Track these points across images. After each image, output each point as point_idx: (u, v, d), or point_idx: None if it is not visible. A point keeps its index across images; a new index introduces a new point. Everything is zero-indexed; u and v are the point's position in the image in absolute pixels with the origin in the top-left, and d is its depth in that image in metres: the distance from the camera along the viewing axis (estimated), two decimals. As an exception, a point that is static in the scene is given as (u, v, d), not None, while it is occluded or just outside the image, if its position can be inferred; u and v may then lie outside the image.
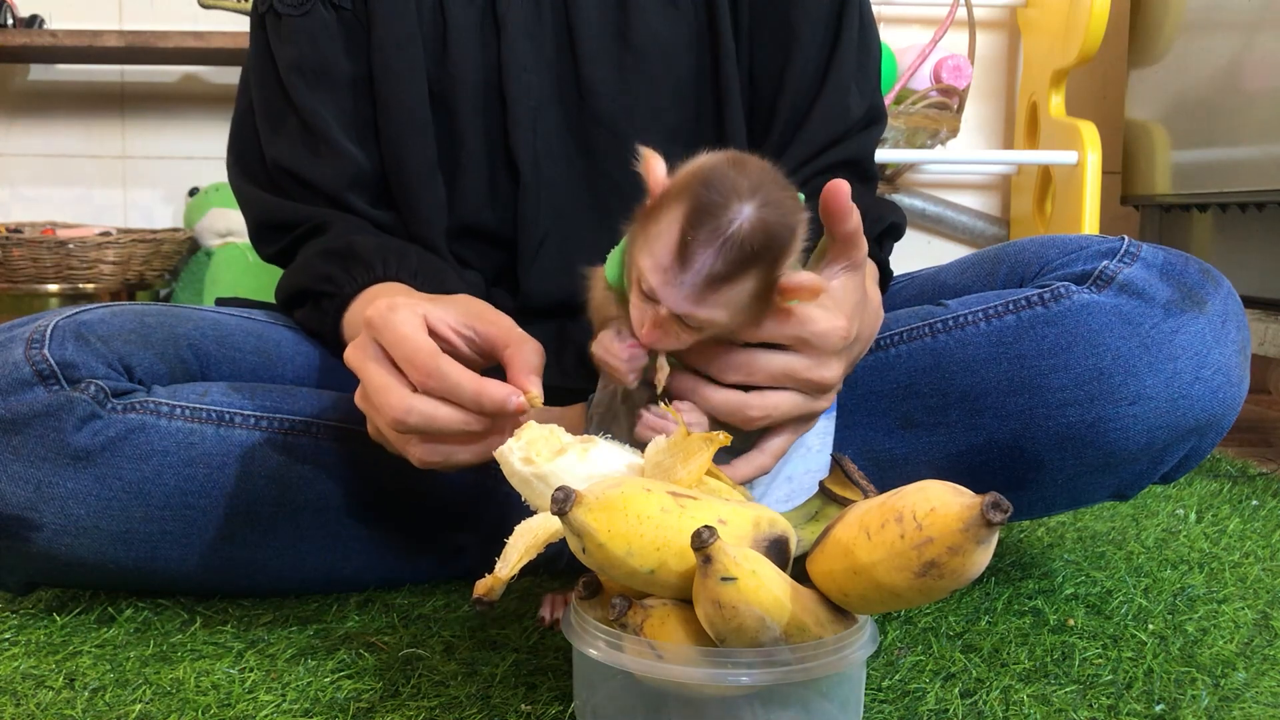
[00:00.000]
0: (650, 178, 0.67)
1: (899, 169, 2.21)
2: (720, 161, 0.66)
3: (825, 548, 0.62)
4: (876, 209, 0.94)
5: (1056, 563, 1.01)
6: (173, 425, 0.82)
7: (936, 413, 0.85)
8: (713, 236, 0.63)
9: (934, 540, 0.56)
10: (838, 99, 0.98)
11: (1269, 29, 1.66)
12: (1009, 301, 0.85)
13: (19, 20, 2.08)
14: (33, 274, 1.95)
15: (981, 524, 0.54)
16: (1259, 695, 0.73)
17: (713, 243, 0.63)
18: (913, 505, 0.57)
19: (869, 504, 0.61)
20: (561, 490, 0.59)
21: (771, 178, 0.66)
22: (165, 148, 2.26)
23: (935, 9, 2.18)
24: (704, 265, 0.63)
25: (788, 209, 0.65)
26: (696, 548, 0.57)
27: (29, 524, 0.80)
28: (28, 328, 0.82)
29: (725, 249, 0.63)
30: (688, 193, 0.64)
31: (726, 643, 0.59)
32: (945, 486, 0.58)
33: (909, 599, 0.59)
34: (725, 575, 0.57)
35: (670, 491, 0.62)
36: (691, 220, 0.63)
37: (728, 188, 0.64)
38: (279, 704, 0.70)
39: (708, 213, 0.63)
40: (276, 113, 0.98)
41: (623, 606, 0.62)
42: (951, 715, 0.69)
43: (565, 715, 0.68)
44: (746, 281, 0.65)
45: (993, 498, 0.54)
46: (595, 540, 0.59)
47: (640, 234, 0.67)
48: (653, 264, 0.65)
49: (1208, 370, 0.83)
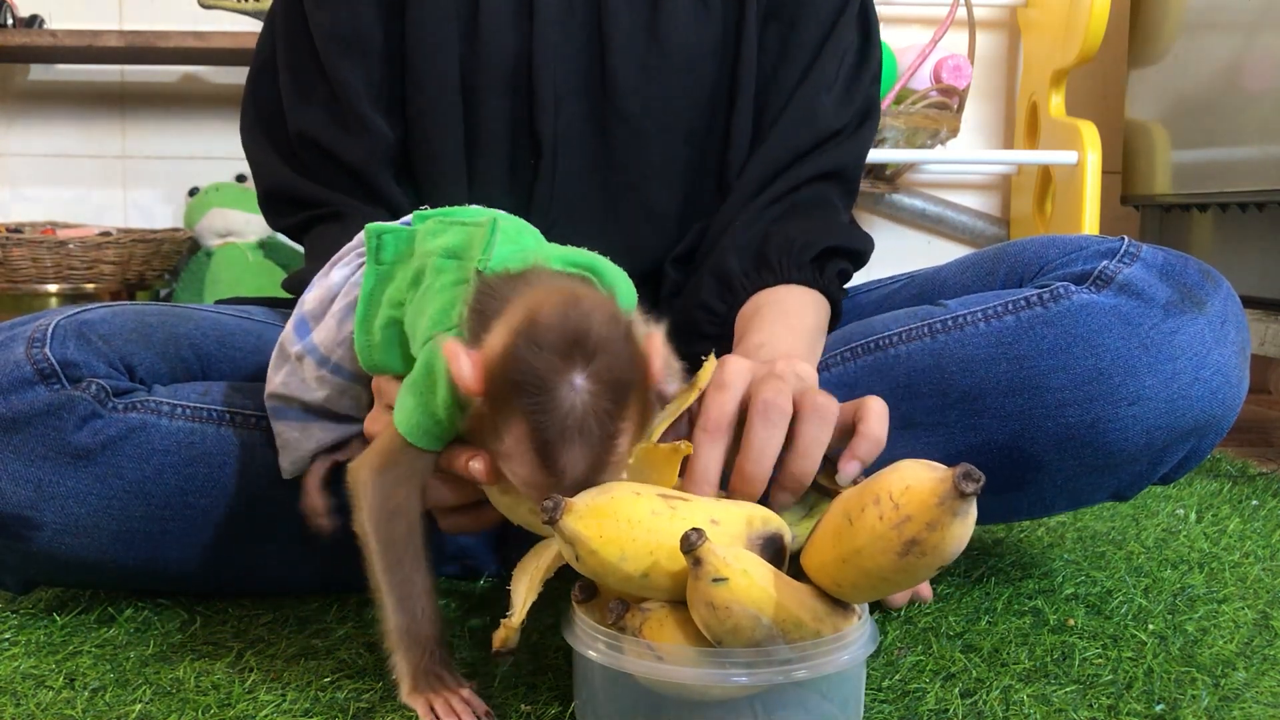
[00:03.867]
0: (461, 379, 0.60)
1: (899, 169, 2.21)
2: (522, 344, 0.59)
3: (815, 540, 0.63)
4: (810, 234, 0.93)
5: (1056, 563, 1.01)
6: (174, 425, 0.82)
7: (935, 413, 0.85)
8: (565, 437, 0.58)
9: (912, 518, 0.56)
10: (808, 101, 0.98)
11: (1269, 29, 1.66)
12: (1008, 302, 0.85)
13: (19, 20, 2.08)
14: (33, 274, 1.95)
15: (955, 496, 0.55)
16: (1259, 695, 0.73)
17: (571, 442, 0.59)
18: (888, 486, 0.58)
19: (850, 491, 0.62)
20: (551, 499, 0.59)
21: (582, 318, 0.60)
22: (165, 148, 2.26)
23: (935, 9, 2.18)
24: (576, 466, 0.59)
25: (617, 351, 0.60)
26: (686, 550, 0.57)
27: (29, 523, 0.80)
28: (29, 326, 0.82)
29: (585, 438, 0.59)
30: (513, 396, 0.59)
31: (724, 643, 0.59)
32: (918, 464, 0.58)
33: (896, 581, 0.59)
34: (716, 576, 0.57)
35: (660, 494, 0.62)
36: (536, 433, 0.59)
37: (549, 375, 0.58)
38: (279, 704, 0.70)
39: (547, 416, 0.58)
40: (306, 81, 0.99)
41: (620, 609, 0.62)
42: (951, 715, 0.69)
43: (565, 715, 0.69)
44: (623, 432, 0.61)
45: (963, 468, 0.54)
46: (588, 547, 0.59)
47: (486, 432, 0.62)
48: (527, 481, 0.61)
49: (1207, 371, 0.83)
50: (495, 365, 0.60)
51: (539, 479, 0.60)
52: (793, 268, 0.91)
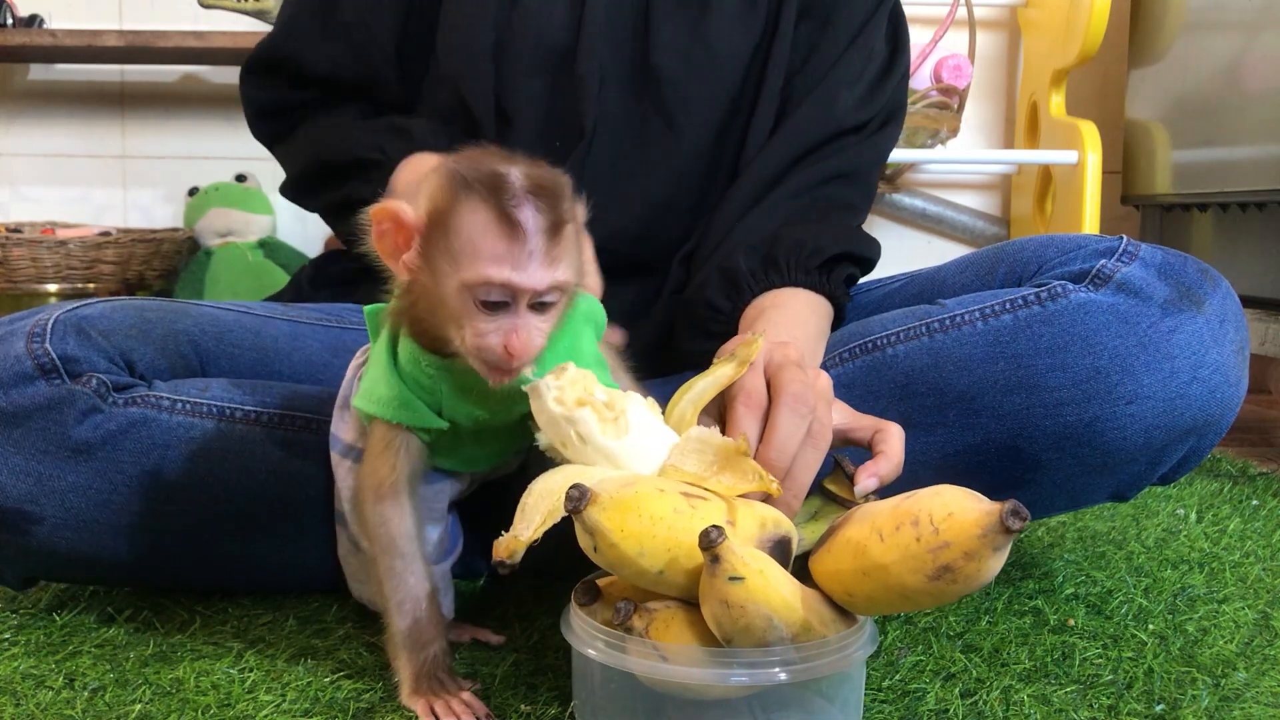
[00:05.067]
0: (407, 215, 0.63)
1: (899, 169, 2.21)
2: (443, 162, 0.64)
3: (832, 548, 0.62)
4: (821, 238, 0.94)
5: (1056, 563, 1.01)
6: (174, 420, 0.83)
7: (934, 412, 0.85)
8: (518, 197, 0.61)
9: (951, 545, 0.56)
10: (829, 94, 1.00)
11: (1269, 29, 1.66)
12: (1006, 301, 0.85)
13: (19, 20, 2.08)
14: (33, 274, 1.95)
15: (1000, 531, 0.55)
16: (1259, 695, 0.73)
17: (524, 200, 0.61)
18: (929, 509, 0.57)
19: (878, 507, 0.61)
20: (576, 488, 0.58)
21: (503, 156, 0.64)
22: (165, 148, 2.26)
23: (935, 9, 2.18)
24: (535, 223, 0.61)
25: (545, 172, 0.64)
26: (704, 547, 0.57)
27: (29, 517, 0.80)
28: (28, 321, 0.82)
29: (536, 199, 0.61)
30: (461, 190, 0.62)
31: (733, 643, 0.59)
32: (961, 492, 0.58)
33: (918, 601, 0.59)
34: (733, 575, 0.57)
35: (683, 492, 0.62)
36: (490, 197, 0.61)
37: (483, 164, 0.62)
38: (279, 704, 0.70)
39: (496, 184, 0.61)
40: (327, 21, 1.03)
41: (628, 610, 0.61)
42: (951, 715, 0.69)
43: (565, 715, 0.69)
44: (566, 226, 0.63)
45: (1012, 505, 0.54)
46: (608, 540, 0.59)
47: (434, 270, 0.63)
48: (489, 259, 0.61)
49: (1205, 370, 0.83)
50: (435, 189, 0.63)
51: (500, 248, 0.61)
52: (800, 271, 0.92)
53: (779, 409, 0.68)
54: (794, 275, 0.91)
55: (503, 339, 0.62)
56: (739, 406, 0.69)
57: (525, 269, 0.61)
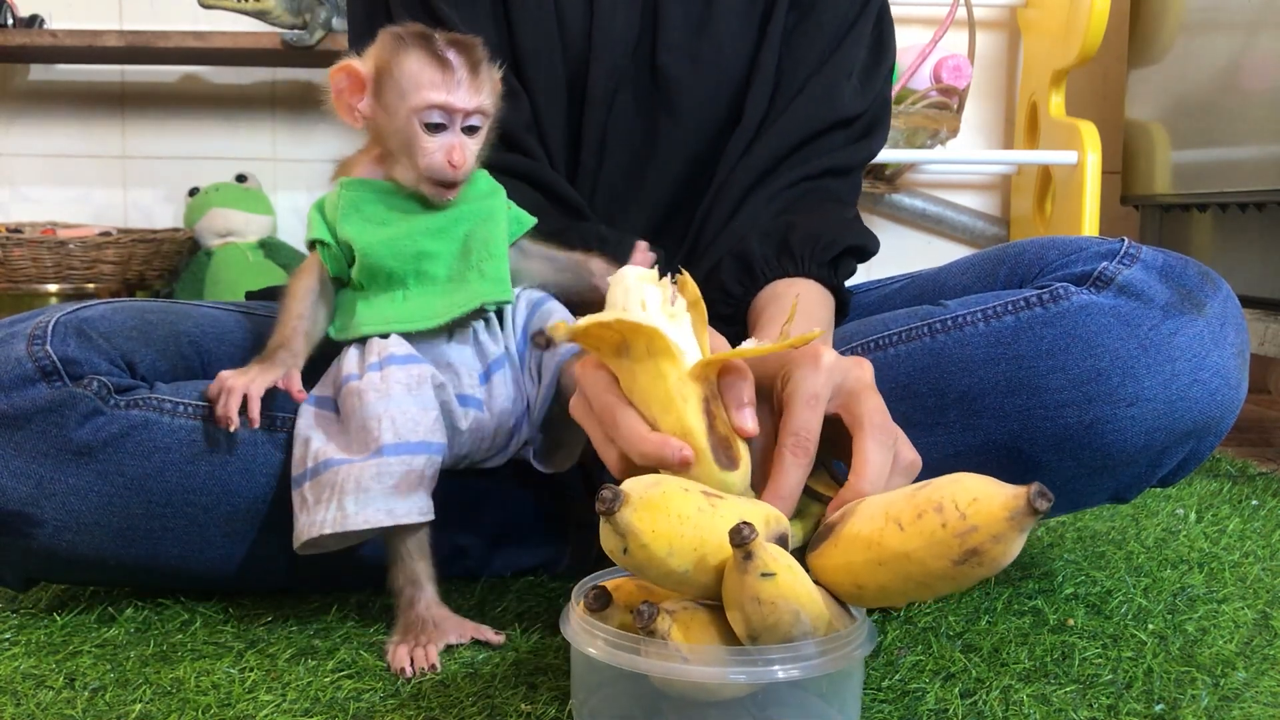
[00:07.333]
0: (360, 68, 0.81)
1: (899, 169, 2.21)
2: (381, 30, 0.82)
3: (839, 542, 0.62)
4: (833, 230, 0.94)
5: (1056, 563, 1.01)
6: (175, 422, 0.83)
7: (934, 413, 0.85)
8: (443, 43, 0.80)
9: (978, 529, 0.56)
10: (829, 83, 1.00)
11: (1269, 29, 1.66)
12: (1008, 302, 0.85)
13: (19, 20, 2.08)
14: (33, 274, 1.95)
15: (1028, 513, 0.55)
16: (1259, 695, 0.73)
17: (448, 45, 0.80)
18: (953, 495, 0.58)
19: (890, 497, 0.61)
20: (609, 489, 0.58)
21: None
22: (165, 148, 2.26)
23: (935, 9, 2.18)
24: (459, 60, 0.80)
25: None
26: (737, 544, 0.57)
27: (30, 520, 0.80)
28: (28, 324, 0.82)
29: (457, 44, 0.80)
30: (400, 43, 0.80)
31: (759, 640, 0.59)
32: (980, 478, 0.58)
33: (935, 588, 0.59)
34: (765, 571, 0.57)
35: (703, 490, 0.62)
36: (423, 44, 0.79)
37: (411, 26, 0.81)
38: (279, 704, 0.70)
39: (426, 35, 0.80)
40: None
41: (651, 613, 0.60)
42: (951, 715, 0.69)
43: (565, 715, 0.69)
44: (482, 65, 0.81)
45: (1038, 487, 0.55)
46: (639, 541, 0.58)
47: (386, 108, 0.80)
48: (429, 86, 0.79)
49: (1206, 373, 0.83)
50: (378, 48, 0.81)
51: (436, 78, 0.79)
52: (813, 263, 0.92)
53: (866, 439, 0.66)
54: (807, 266, 0.92)
55: (445, 155, 0.79)
56: (785, 450, 0.66)
57: (456, 92, 0.79)
